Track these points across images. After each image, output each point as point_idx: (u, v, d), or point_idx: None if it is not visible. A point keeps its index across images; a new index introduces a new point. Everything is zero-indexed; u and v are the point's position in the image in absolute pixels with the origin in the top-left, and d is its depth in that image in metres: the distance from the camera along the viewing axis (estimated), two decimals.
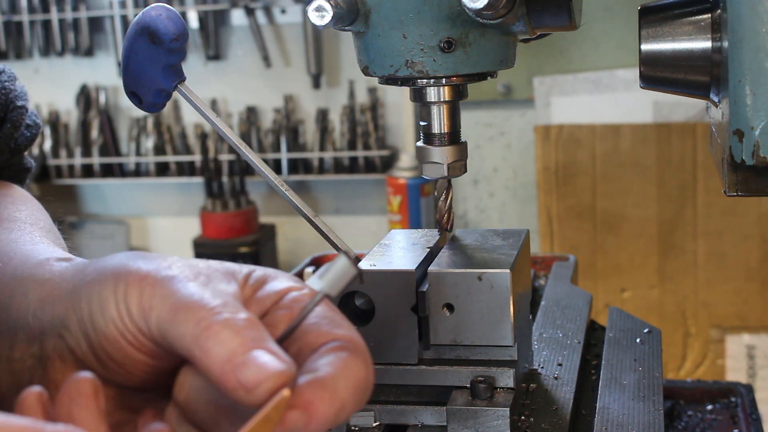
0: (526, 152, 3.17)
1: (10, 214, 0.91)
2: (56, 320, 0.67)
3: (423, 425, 0.89)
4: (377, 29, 0.88)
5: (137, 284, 0.63)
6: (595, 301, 1.21)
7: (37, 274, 0.73)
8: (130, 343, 0.63)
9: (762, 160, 0.75)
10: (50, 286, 0.70)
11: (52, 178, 3.43)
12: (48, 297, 0.69)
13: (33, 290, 0.71)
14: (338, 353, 0.60)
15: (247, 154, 0.90)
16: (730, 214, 2.89)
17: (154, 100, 0.90)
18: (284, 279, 0.66)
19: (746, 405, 1.17)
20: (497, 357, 0.90)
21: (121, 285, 0.64)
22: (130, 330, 0.63)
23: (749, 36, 0.73)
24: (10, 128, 1.00)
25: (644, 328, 1.12)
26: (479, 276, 0.87)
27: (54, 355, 0.66)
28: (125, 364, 0.64)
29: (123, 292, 0.63)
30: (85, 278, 0.67)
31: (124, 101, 3.41)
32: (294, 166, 3.29)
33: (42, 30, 3.38)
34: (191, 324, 0.60)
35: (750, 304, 2.92)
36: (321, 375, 0.58)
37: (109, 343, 0.64)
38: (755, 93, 0.74)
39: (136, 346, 0.63)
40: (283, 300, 0.65)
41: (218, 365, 0.58)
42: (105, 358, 0.64)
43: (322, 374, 0.58)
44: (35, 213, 0.94)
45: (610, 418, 0.91)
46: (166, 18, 0.85)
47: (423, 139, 0.95)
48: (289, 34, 3.30)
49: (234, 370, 0.57)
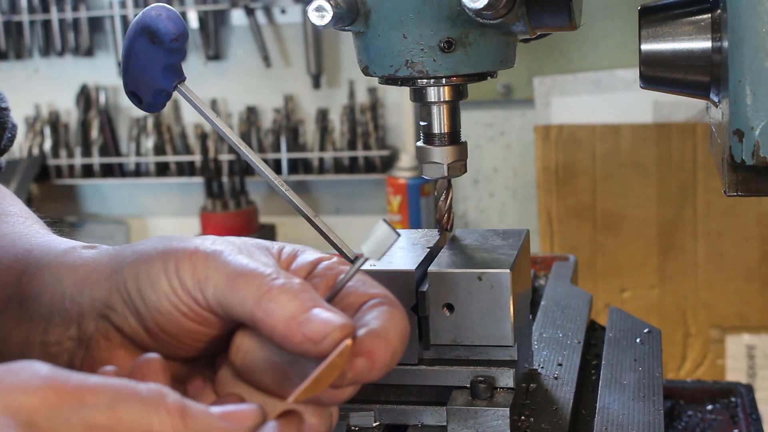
0: (526, 152, 3.17)
1: (5, 209, 0.94)
2: (97, 302, 0.71)
3: (423, 425, 0.89)
4: (377, 29, 0.88)
5: (188, 259, 0.68)
6: (595, 301, 1.21)
7: (68, 261, 0.77)
8: (183, 314, 0.68)
9: (762, 160, 0.75)
10: (85, 271, 0.74)
11: (52, 178, 3.43)
12: (85, 281, 0.74)
13: (66, 276, 0.75)
14: (381, 308, 0.67)
15: (247, 154, 0.90)
16: (730, 214, 2.89)
17: (154, 100, 0.90)
18: (312, 251, 0.73)
19: (746, 405, 1.17)
20: (497, 357, 0.90)
21: (171, 262, 0.68)
22: (183, 302, 0.68)
23: (749, 36, 0.73)
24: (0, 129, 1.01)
25: (644, 328, 1.12)
26: (479, 276, 0.87)
27: (98, 335, 0.70)
28: (177, 335, 0.69)
29: (174, 268, 0.68)
30: (124, 260, 0.72)
31: (124, 101, 3.41)
32: (294, 166, 3.29)
33: (42, 30, 3.38)
34: (252, 289, 0.65)
35: (750, 304, 2.92)
36: (375, 327, 0.65)
37: (162, 316, 0.68)
38: (755, 93, 0.74)
39: (190, 316, 0.68)
40: (316, 269, 0.71)
41: (283, 323, 0.63)
42: (157, 331, 0.69)
43: (375, 326, 0.65)
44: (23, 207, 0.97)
45: (610, 418, 0.91)
46: (166, 18, 0.85)
47: (423, 139, 0.95)
48: (289, 34, 3.30)
49: (299, 326, 0.63)
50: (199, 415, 0.57)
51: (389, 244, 0.66)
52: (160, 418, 0.55)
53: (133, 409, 0.54)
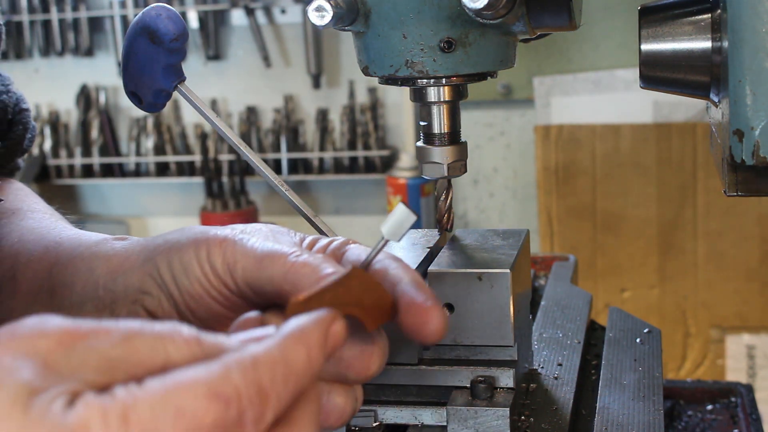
0: (526, 152, 3.17)
1: (30, 206, 0.99)
2: (130, 288, 0.76)
3: (423, 425, 0.89)
4: (377, 29, 0.88)
5: (218, 246, 0.73)
6: (595, 301, 1.21)
7: (100, 252, 0.81)
8: (213, 298, 0.73)
9: (762, 160, 0.75)
10: (118, 260, 0.79)
11: (52, 178, 3.43)
12: (118, 269, 0.78)
13: (99, 266, 0.80)
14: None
15: (247, 154, 0.90)
16: (730, 214, 2.89)
17: (154, 100, 0.90)
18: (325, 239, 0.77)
19: (746, 405, 1.17)
20: (497, 357, 0.90)
21: (203, 249, 0.73)
22: (214, 286, 0.73)
23: (749, 36, 0.73)
24: (22, 130, 1.04)
25: (644, 328, 1.12)
26: (479, 276, 0.87)
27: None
28: (207, 319, 0.73)
29: (206, 254, 0.73)
30: (157, 249, 0.76)
31: (124, 101, 3.41)
32: (294, 166, 3.29)
33: (42, 30, 3.38)
34: (278, 266, 0.70)
35: (750, 304, 2.92)
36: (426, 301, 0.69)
37: (193, 300, 0.73)
38: (755, 93, 0.74)
39: (219, 300, 0.73)
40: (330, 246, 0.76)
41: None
42: (188, 315, 0.74)
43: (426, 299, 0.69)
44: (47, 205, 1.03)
45: (610, 418, 0.91)
46: (166, 18, 0.85)
47: (423, 139, 0.95)
48: (289, 34, 3.30)
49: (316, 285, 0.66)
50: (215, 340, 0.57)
51: (408, 225, 0.68)
52: (176, 346, 0.55)
53: (147, 340, 0.55)
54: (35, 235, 0.91)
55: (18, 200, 1.01)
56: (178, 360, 0.55)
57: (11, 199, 1.02)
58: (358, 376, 0.67)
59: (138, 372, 0.54)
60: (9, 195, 1.03)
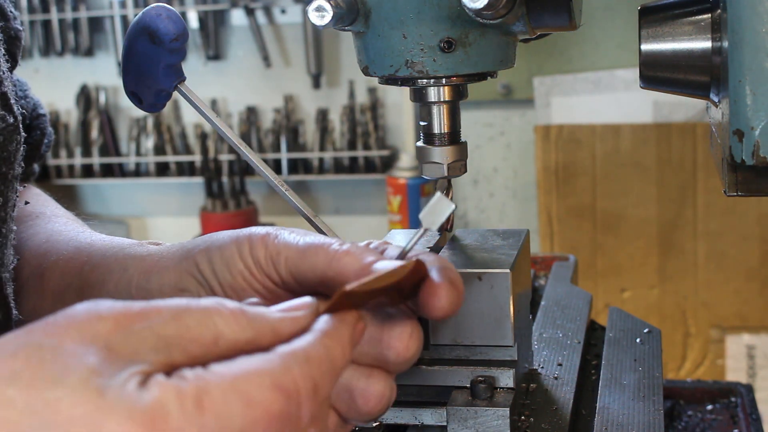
0: (526, 152, 3.17)
1: (54, 211, 1.00)
2: (166, 286, 0.78)
3: (423, 425, 0.89)
4: (377, 29, 0.88)
5: (261, 241, 0.75)
6: (595, 301, 1.21)
7: (135, 253, 0.83)
8: (256, 290, 0.75)
9: (762, 160, 0.75)
10: (153, 261, 0.81)
11: (52, 178, 3.43)
12: (153, 268, 0.80)
13: (132, 265, 0.81)
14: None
15: (247, 154, 0.90)
16: (730, 214, 2.89)
17: (154, 100, 0.90)
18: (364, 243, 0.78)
19: (746, 405, 1.17)
20: (497, 357, 0.90)
21: (245, 244, 0.75)
22: (258, 279, 0.75)
23: (749, 36, 0.73)
24: (39, 135, 1.05)
25: (644, 328, 1.12)
26: (479, 276, 0.87)
27: None
28: None
29: (248, 249, 0.75)
30: (195, 248, 0.78)
31: (124, 101, 3.41)
32: (294, 166, 3.29)
33: (42, 30, 3.38)
34: (321, 255, 0.72)
35: (750, 304, 2.92)
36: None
37: (236, 294, 0.75)
38: (755, 93, 0.74)
39: (262, 293, 0.75)
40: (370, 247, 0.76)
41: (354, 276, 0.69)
42: None
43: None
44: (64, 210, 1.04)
45: (610, 418, 0.91)
46: (166, 18, 0.85)
47: (423, 139, 0.95)
48: (289, 34, 3.30)
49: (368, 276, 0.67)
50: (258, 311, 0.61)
51: (446, 213, 0.69)
52: (225, 320, 0.58)
53: (196, 316, 0.57)
54: (65, 236, 0.92)
55: (40, 204, 1.03)
56: (228, 334, 0.58)
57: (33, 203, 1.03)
58: (398, 357, 0.69)
59: (192, 349, 0.56)
60: (30, 199, 1.04)
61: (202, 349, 0.57)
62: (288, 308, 0.63)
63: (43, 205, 1.02)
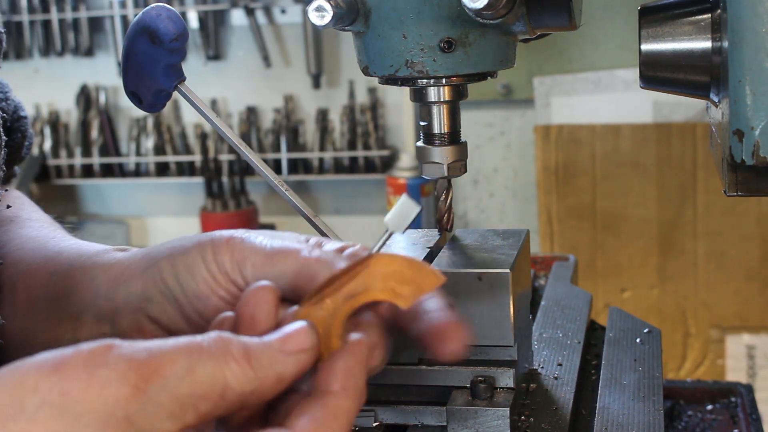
0: (526, 152, 3.17)
1: (29, 214, 0.98)
2: (132, 296, 0.76)
3: (423, 425, 0.89)
4: (377, 29, 0.88)
5: (225, 245, 0.73)
6: (595, 301, 1.21)
7: (101, 262, 0.81)
8: (221, 297, 0.73)
9: (762, 160, 0.75)
10: (118, 270, 0.78)
11: (52, 178, 3.43)
12: (118, 279, 0.78)
13: (99, 275, 0.79)
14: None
15: (247, 154, 0.90)
16: (730, 214, 2.89)
17: (154, 100, 0.90)
18: (334, 242, 0.77)
19: (746, 405, 1.17)
20: (497, 357, 0.90)
21: (208, 249, 0.73)
22: (222, 285, 0.73)
23: (749, 36, 0.73)
24: (20, 137, 1.04)
25: (644, 328, 1.12)
26: (479, 276, 0.87)
27: (131, 330, 0.74)
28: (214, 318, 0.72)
29: (211, 254, 0.73)
30: (158, 255, 0.76)
31: (124, 101, 3.41)
32: (294, 166, 3.29)
33: (42, 30, 3.37)
34: (290, 262, 0.71)
35: (750, 304, 2.92)
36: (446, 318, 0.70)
37: (200, 302, 0.73)
38: (755, 93, 0.74)
39: (227, 299, 0.73)
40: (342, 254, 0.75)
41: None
42: (195, 317, 0.73)
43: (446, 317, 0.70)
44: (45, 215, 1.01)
45: (610, 418, 0.91)
46: (166, 18, 0.85)
47: (423, 139, 0.95)
48: (289, 34, 3.30)
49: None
50: (263, 355, 0.60)
51: (411, 216, 0.69)
52: (232, 371, 0.58)
53: (207, 369, 0.57)
54: (34, 243, 0.91)
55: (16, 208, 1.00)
56: (236, 386, 0.58)
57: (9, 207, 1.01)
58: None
59: (202, 407, 0.57)
60: (10, 202, 1.02)
61: (211, 405, 0.57)
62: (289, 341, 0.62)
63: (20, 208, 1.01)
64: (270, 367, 0.60)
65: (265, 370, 0.59)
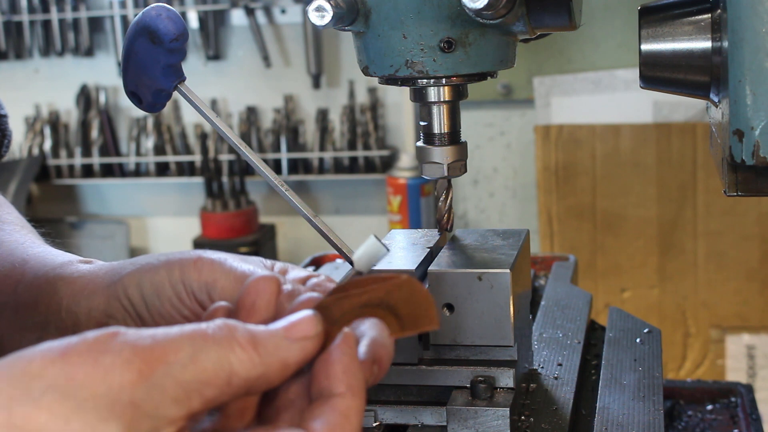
0: (526, 152, 3.17)
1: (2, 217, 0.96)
2: (94, 311, 0.77)
3: (423, 425, 0.89)
4: (377, 29, 0.88)
5: (192, 266, 0.74)
6: (595, 301, 1.21)
7: (65, 274, 0.81)
8: (184, 317, 0.73)
9: (762, 160, 0.75)
10: (82, 283, 0.79)
11: (52, 178, 3.43)
12: (81, 292, 0.78)
13: (63, 288, 0.79)
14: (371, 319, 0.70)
15: (247, 154, 0.90)
16: (730, 214, 2.89)
17: (154, 100, 0.90)
18: (299, 269, 0.78)
19: (746, 405, 1.17)
20: (497, 357, 0.90)
21: (175, 269, 0.74)
22: (187, 306, 0.74)
23: (749, 36, 0.73)
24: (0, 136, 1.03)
25: (644, 328, 1.12)
26: (479, 276, 0.87)
27: None
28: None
29: (179, 274, 0.73)
30: (123, 271, 0.77)
31: (124, 101, 3.41)
32: (294, 166, 3.29)
33: (42, 30, 3.38)
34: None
35: (750, 304, 2.92)
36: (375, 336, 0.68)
37: (163, 320, 0.74)
38: (755, 93, 0.74)
39: (191, 319, 0.73)
40: (306, 284, 0.76)
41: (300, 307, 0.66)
42: None
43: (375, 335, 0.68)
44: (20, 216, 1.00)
45: (610, 418, 0.91)
46: (166, 18, 0.85)
47: (423, 139, 0.95)
48: (289, 34, 3.30)
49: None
50: (268, 341, 0.60)
51: (378, 257, 0.69)
52: (238, 357, 0.58)
53: (212, 355, 0.57)
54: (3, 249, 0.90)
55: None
56: (241, 372, 0.58)
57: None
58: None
59: (208, 393, 0.57)
60: None
61: (217, 391, 0.57)
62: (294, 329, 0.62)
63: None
64: (275, 354, 0.60)
65: (271, 356, 0.59)
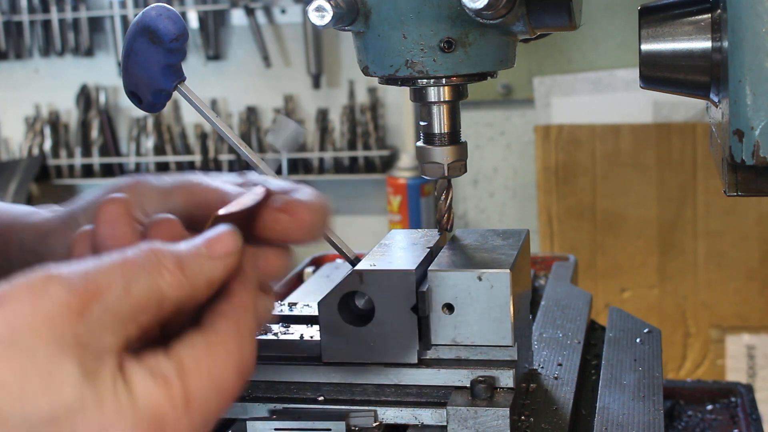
0: (526, 152, 3.17)
1: None
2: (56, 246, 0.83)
3: (423, 425, 0.89)
4: (377, 29, 0.88)
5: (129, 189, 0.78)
6: (595, 301, 1.21)
7: (30, 221, 0.88)
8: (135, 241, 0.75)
9: (762, 160, 0.75)
10: (45, 225, 0.87)
11: (52, 178, 3.43)
12: (44, 232, 0.86)
13: (27, 233, 0.86)
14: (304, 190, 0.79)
15: (247, 154, 0.90)
16: (730, 214, 2.89)
17: (154, 100, 0.90)
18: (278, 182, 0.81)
19: (746, 405, 1.17)
20: (497, 357, 0.89)
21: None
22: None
23: (749, 36, 0.73)
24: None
25: (644, 328, 1.12)
26: (479, 276, 0.87)
27: None
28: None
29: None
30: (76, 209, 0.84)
31: (124, 101, 3.41)
32: (294, 166, 3.29)
33: (42, 30, 3.38)
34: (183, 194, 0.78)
35: (750, 304, 2.92)
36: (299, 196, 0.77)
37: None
38: (755, 93, 0.74)
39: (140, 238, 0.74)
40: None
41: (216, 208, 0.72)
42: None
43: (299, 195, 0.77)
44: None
45: (610, 418, 0.91)
46: (166, 18, 0.85)
47: (423, 139, 0.95)
48: (289, 34, 3.30)
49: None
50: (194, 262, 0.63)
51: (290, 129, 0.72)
52: (166, 281, 0.61)
53: (142, 283, 0.60)
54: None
55: None
56: (171, 295, 0.61)
57: None
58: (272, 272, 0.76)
59: (142, 319, 0.60)
60: None
61: (150, 316, 0.60)
62: (215, 246, 0.64)
63: None
64: (201, 273, 0.63)
65: (197, 276, 0.62)
